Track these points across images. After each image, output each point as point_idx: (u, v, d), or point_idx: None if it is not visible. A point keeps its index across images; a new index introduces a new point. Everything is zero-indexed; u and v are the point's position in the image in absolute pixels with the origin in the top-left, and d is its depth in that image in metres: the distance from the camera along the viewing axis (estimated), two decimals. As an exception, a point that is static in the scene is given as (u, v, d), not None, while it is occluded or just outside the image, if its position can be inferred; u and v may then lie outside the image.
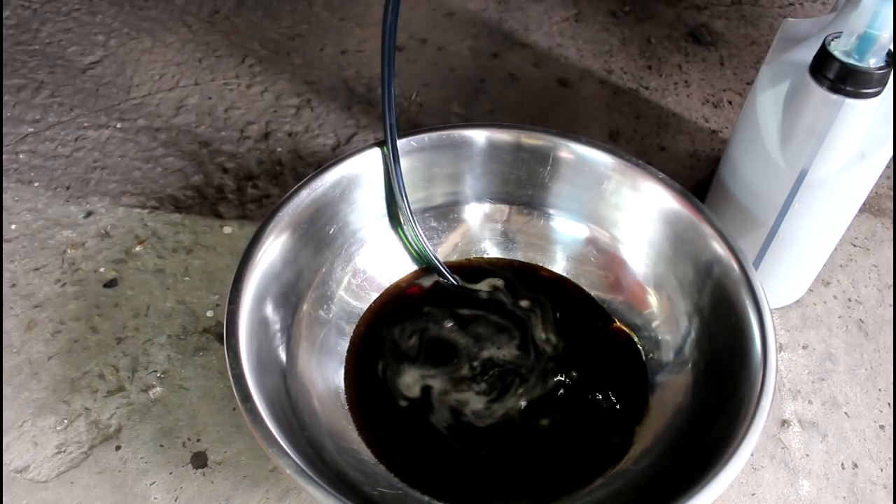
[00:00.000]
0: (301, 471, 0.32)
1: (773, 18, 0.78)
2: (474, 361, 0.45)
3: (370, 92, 0.67)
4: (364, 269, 0.48)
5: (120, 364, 0.48)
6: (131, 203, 0.57)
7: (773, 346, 0.38)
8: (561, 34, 0.75)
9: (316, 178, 0.44)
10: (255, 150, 0.62)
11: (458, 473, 0.41)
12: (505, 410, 0.43)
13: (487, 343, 0.46)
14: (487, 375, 0.44)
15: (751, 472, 0.45)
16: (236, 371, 0.36)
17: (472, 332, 0.46)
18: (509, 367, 0.45)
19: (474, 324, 0.47)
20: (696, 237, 0.44)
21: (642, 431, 0.42)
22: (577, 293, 0.49)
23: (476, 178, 0.50)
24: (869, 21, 0.36)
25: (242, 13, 0.74)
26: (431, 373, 0.44)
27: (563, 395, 0.44)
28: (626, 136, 0.65)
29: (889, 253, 0.57)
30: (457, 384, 0.44)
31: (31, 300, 0.51)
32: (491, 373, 0.44)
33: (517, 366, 0.45)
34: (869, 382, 0.50)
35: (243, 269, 0.40)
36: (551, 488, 0.40)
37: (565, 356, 0.46)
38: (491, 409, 0.43)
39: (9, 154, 0.60)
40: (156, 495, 0.42)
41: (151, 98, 0.66)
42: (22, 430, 0.44)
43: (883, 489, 0.45)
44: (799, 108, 0.41)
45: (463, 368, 0.45)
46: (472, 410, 0.43)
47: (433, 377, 0.44)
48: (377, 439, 0.42)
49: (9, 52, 0.69)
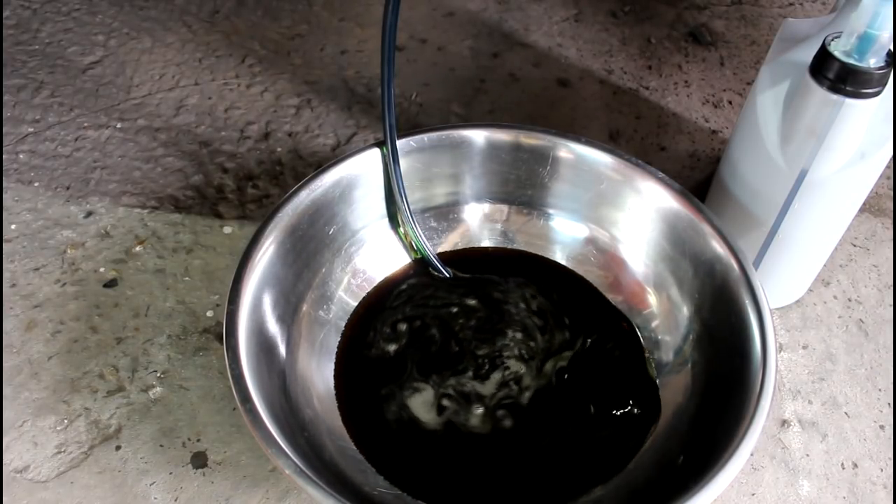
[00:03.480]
0: (300, 471, 0.32)
1: (773, 18, 0.78)
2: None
3: (370, 92, 0.67)
4: (364, 269, 0.48)
5: (120, 364, 0.48)
6: (131, 203, 0.57)
7: (773, 346, 0.38)
8: (561, 34, 0.75)
9: (315, 179, 0.44)
10: (255, 150, 0.62)
11: (453, 478, 0.41)
12: (507, 411, 0.43)
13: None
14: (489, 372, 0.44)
15: (751, 472, 0.45)
16: (236, 371, 0.36)
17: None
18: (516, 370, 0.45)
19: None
20: (696, 237, 0.44)
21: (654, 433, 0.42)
22: (584, 287, 0.49)
23: (475, 178, 0.50)
24: (869, 21, 0.36)
25: (242, 13, 0.74)
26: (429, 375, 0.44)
27: (571, 396, 0.44)
28: (626, 136, 0.65)
29: (889, 253, 0.57)
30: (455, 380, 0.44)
31: (31, 300, 0.51)
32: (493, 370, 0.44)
33: (522, 363, 0.45)
34: (869, 382, 0.50)
35: (243, 269, 0.40)
36: (558, 491, 0.40)
37: (572, 355, 0.46)
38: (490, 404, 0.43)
39: (9, 154, 0.60)
40: (156, 495, 0.42)
41: (151, 98, 0.66)
42: (22, 430, 0.45)
43: (883, 489, 0.45)
44: (799, 108, 0.41)
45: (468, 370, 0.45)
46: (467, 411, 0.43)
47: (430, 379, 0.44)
48: (368, 443, 0.42)
49: (9, 52, 0.69)
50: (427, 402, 0.43)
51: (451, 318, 0.47)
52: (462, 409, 0.43)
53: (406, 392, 0.43)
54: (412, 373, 0.44)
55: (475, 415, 0.42)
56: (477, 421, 0.42)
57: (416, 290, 0.48)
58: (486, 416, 0.42)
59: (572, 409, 0.43)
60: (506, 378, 0.44)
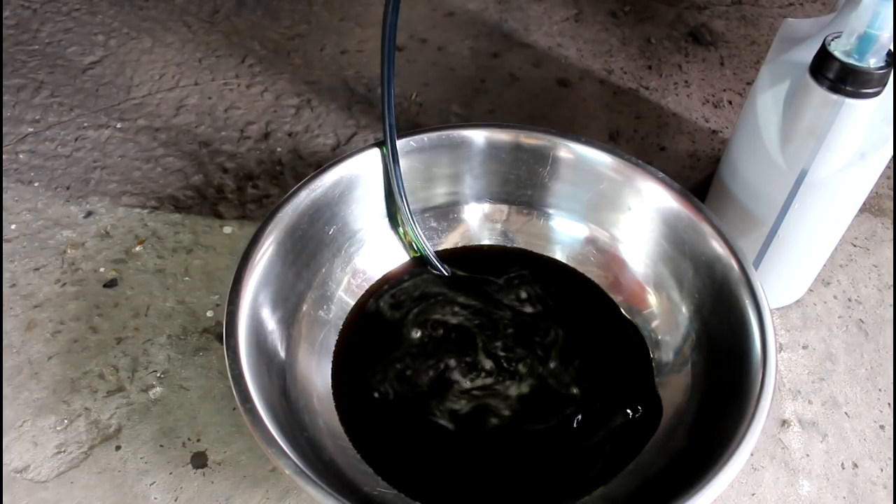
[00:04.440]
0: (300, 471, 0.32)
1: (773, 18, 0.78)
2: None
3: (370, 92, 0.67)
4: (364, 269, 0.48)
5: (120, 364, 0.48)
6: (131, 203, 0.57)
7: (773, 345, 0.38)
8: (561, 34, 0.75)
9: (315, 179, 0.44)
10: (255, 150, 0.62)
11: (453, 478, 0.41)
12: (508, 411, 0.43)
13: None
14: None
15: (751, 472, 0.45)
16: (236, 371, 0.36)
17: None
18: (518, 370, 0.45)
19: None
20: (696, 237, 0.44)
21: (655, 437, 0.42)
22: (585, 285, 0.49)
23: (475, 178, 0.50)
24: (869, 21, 0.36)
25: (242, 13, 0.74)
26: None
27: (574, 397, 0.44)
28: (626, 136, 0.65)
29: (889, 253, 0.57)
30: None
31: (31, 300, 0.51)
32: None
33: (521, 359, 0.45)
34: (869, 382, 0.50)
35: (243, 269, 0.40)
36: (558, 492, 0.40)
37: (572, 350, 0.46)
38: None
39: (9, 154, 0.60)
40: (156, 495, 0.42)
41: (151, 98, 0.66)
42: (22, 430, 0.45)
43: (883, 489, 0.45)
44: (799, 108, 0.41)
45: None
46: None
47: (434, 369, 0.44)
48: (365, 443, 0.42)
49: (9, 52, 0.69)
50: (426, 401, 0.43)
51: (450, 317, 0.47)
52: (461, 409, 0.43)
53: (405, 390, 0.43)
54: (411, 371, 0.44)
55: (474, 414, 0.42)
56: (474, 420, 0.42)
57: (415, 289, 0.48)
58: (485, 415, 0.43)
59: (572, 409, 0.43)
60: (506, 378, 0.44)
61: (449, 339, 0.46)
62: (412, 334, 0.46)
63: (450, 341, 0.46)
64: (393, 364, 0.45)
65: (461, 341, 0.46)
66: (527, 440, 0.42)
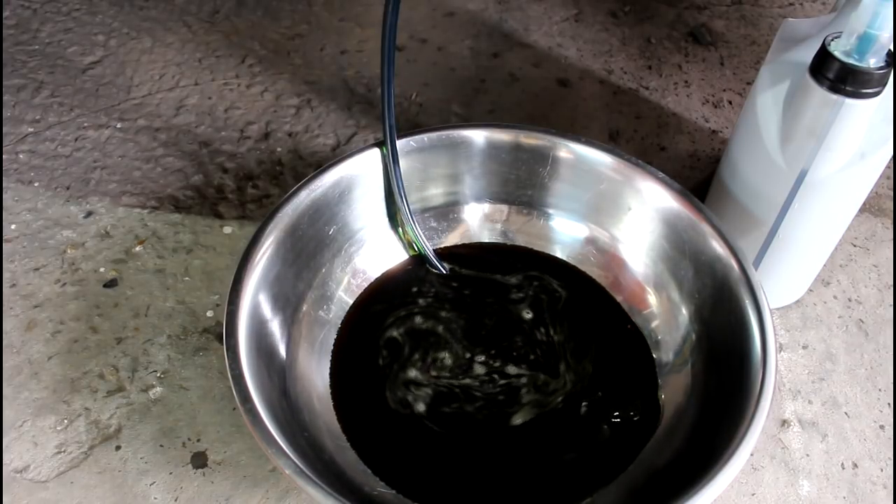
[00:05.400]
0: (300, 471, 0.32)
1: (773, 18, 0.78)
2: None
3: (370, 92, 0.67)
4: (364, 269, 0.48)
5: (120, 364, 0.48)
6: (131, 203, 0.57)
7: (773, 345, 0.38)
8: (561, 34, 0.75)
9: (315, 179, 0.44)
10: (255, 150, 0.62)
11: (453, 479, 0.41)
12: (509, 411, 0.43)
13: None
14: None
15: (751, 472, 0.45)
16: (236, 372, 0.36)
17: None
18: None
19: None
20: (696, 237, 0.44)
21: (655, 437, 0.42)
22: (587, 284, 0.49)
23: (475, 179, 0.50)
24: (869, 21, 0.36)
25: (242, 13, 0.74)
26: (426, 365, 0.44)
27: (576, 399, 0.44)
28: (626, 136, 0.65)
29: (889, 253, 0.57)
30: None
31: (31, 300, 0.51)
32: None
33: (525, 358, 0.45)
34: (869, 382, 0.50)
35: (243, 269, 0.40)
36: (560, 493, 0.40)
37: (572, 349, 0.46)
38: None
39: (9, 154, 0.60)
40: (156, 495, 0.42)
41: (151, 98, 0.66)
42: (22, 430, 0.45)
43: (883, 489, 0.45)
44: (799, 108, 0.41)
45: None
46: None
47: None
48: (366, 446, 0.42)
49: (9, 52, 0.69)
50: (426, 401, 0.43)
51: (450, 316, 0.47)
52: (461, 409, 0.43)
53: (404, 390, 0.43)
54: (411, 371, 0.44)
55: (473, 414, 0.42)
56: (475, 419, 0.42)
57: (415, 288, 0.48)
58: (485, 416, 0.42)
59: (572, 410, 0.43)
60: (505, 377, 0.44)
61: (449, 339, 0.46)
62: (412, 334, 0.46)
63: (450, 341, 0.46)
64: (392, 364, 0.45)
65: (461, 341, 0.46)
66: (527, 440, 0.42)
